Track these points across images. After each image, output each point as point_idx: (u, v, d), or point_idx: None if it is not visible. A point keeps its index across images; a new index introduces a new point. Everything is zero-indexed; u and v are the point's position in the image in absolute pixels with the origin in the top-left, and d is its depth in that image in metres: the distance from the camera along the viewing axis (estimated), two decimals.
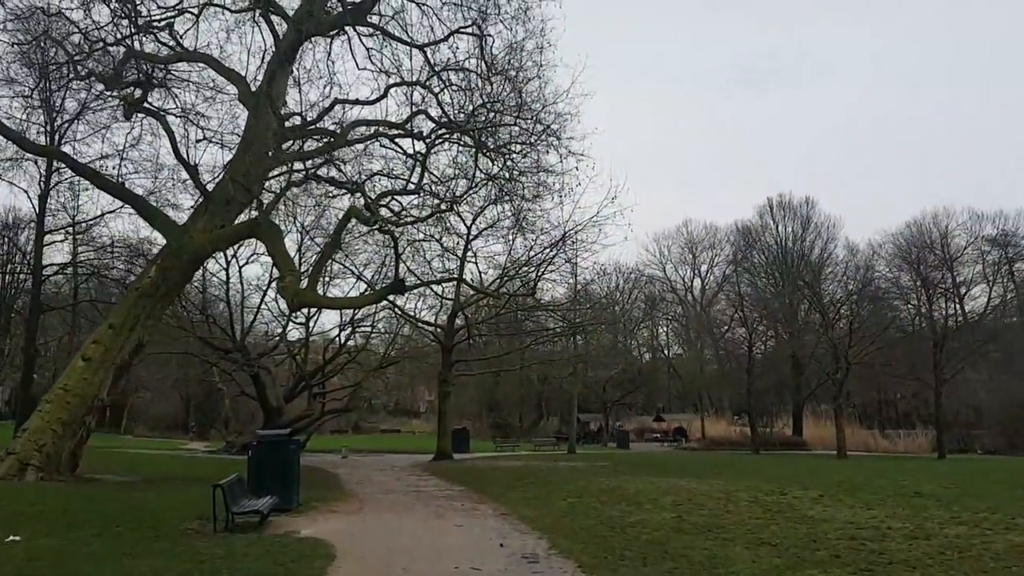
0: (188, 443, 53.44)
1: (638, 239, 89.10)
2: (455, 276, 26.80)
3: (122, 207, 29.19)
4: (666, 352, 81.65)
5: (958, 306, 58.90)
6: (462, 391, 58.27)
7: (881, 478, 18.00)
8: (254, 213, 21.17)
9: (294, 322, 43.61)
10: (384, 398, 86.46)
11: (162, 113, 20.70)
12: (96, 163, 26.40)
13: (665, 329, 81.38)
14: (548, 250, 23.54)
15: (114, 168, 26.05)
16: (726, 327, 73.45)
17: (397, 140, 22.00)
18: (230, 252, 39.85)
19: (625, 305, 63.40)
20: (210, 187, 21.26)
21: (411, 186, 18.70)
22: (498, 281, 24.07)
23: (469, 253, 32.38)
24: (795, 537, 10.11)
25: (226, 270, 40.11)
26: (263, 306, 41.78)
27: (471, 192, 20.21)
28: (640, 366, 68.56)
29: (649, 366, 75.69)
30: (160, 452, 38.13)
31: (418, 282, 22.70)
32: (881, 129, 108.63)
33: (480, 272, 33.49)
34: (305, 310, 42.60)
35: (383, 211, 18.71)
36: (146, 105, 20.42)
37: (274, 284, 40.31)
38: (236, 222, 21.09)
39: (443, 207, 18.95)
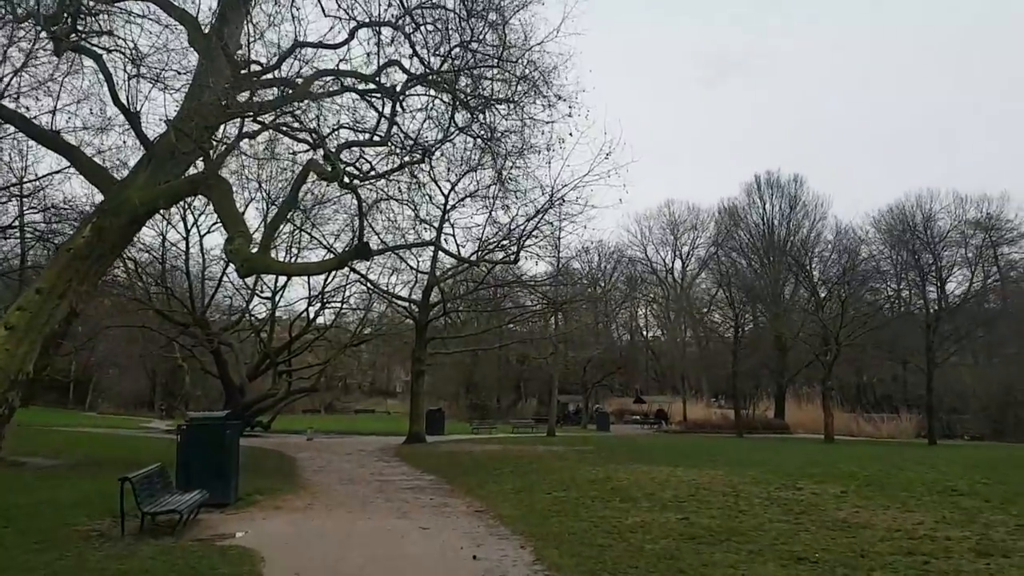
0: (151, 421, 51.09)
1: (619, 220, 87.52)
2: (430, 241, 24.46)
3: (69, 167, 26.79)
4: (644, 334, 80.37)
5: (939, 290, 57.95)
6: (438, 371, 56.31)
7: (899, 470, 16.26)
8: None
9: (260, 296, 41.40)
10: (359, 377, 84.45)
11: (98, 52, 18.20)
12: (39, 119, 24.08)
13: (644, 311, 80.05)
14: (535, 217, 21.12)
15: (61, 124, 23.76)
16: (706, 308, 72.19)
17: (367, 96, 19.76)
18: (190, 220, 37.49)
19: (606, 285, 61.67)
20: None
21: (378, 137, 16.48)
22: (478, 252, 21.86)
23: (446, 225, 30.31)
24: (837, 550, 8.24)
25: (186, 239, 37.68)
26: (225, 278, 39.38)
27: (447, 141, 17.97)
28: (621, 348, 66.92)
29: (628, 348, 74.25)
30: (115, 431, 35.80)
31: (385, 247, 20.39)
32: (873, 111, 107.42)
33: (458, 245, 31.41)
34: (270, 282, 40.48)
35: (347, 167, 16.49)
36: (80, 42, 17.93)
37: None
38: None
39: (416, 157, 16.77)
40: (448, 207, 28.26)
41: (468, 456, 22.59)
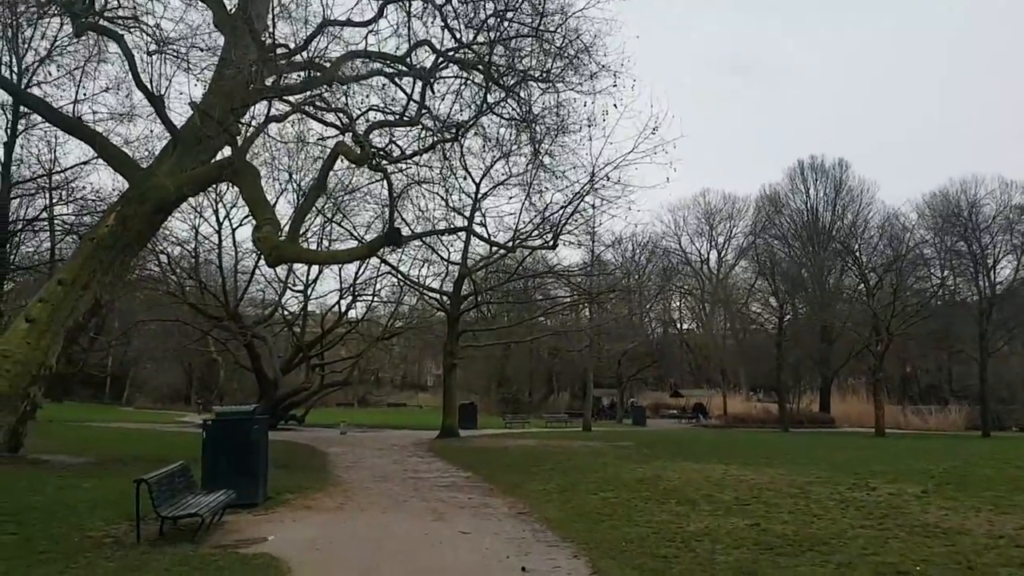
0: (186, 416, 51.07)
1: (656, 209, 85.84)
2: (464, 227, 23.46)
3: (96, 158, 26.43)
4: (679, 327, 78.74)
5: (985, 278, 55.76)
6: (469, 365, 55.57)
7: (972, 466, 15.05)
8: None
9: (292, 289, 40.98)
10: (391, 371, 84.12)
11: (119, 33, 17.60)
12: (66, 109, 23.76)
13: (678, 303, 78.41)
14: (574, 200, 19.89)
15: (88, 116, 23.46)
16: (744, 299, 70.40)
17: (396, 80, 18.92)
18: (222, 213, 37.10)
19: (640, 276, 60.34)
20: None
21: (408, 117, 15.60)
22: (513, 239, 20.78)
23: (477, 215, 29.45)
24: (937, 561, 7.19)
25: (218, 232, 37.31)
26: (257, 271, 38.98)
27: (481, 115, 16.97)
28: (655, 341, 65.53)
29: (662, 340, 72.81)
30: (149, 426, 35.53)
31: (416, 234, 19.47)
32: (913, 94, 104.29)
33: (490, 235, 30.50)
34: (302, 275, 40.02)
35: (377, 152, 15.65)
36: (100, 22, 17.35)
37: None
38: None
39: (447, 136, 15.87)
40: (480, 195, 27.41)
41: (504, 452, 21.73)
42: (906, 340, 41.30)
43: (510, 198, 40.51)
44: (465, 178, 21.08)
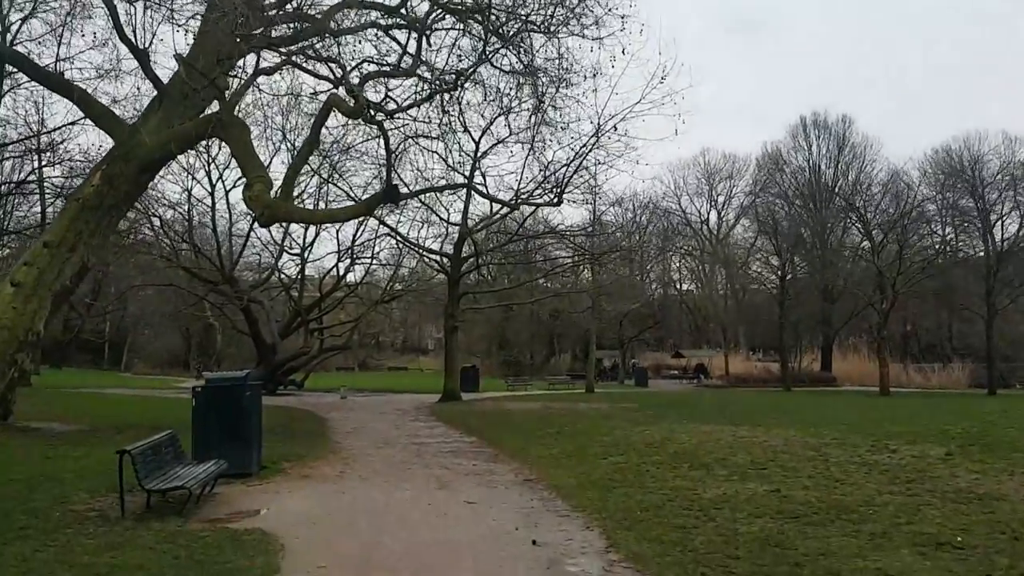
0: (185, 381, 50.78)
1: (661, 164, 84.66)
2: (464, 184, 22.66)
3: (84, 119, 25.57)
4: (678, 287, 78.27)
5: (990, 235, 55.09)
6: (470, 328, 55.18)
7: (992, 426, 14.60)
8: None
9: (289, 252, 40.34)
10: (392, 335, 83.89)
11: None
12: (52, 68, 22.86)
13: (678, 264, 77.86)
14: (579, 154, 19.01)
15: (75, 75, 22.51)
16: (744, 259, 69.82)
17: (391, 31, 18.06)
18: (215, 175, 36.25)
19: (641, 237, 59.66)
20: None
21: (404, 66, 14.82)
22: (515, 197, 20.00)
23: (477, 174, 28.70)
24: (978, 531, 6.72)
25: (211, 194, 36.44)
26: (253, 234, 38.25)
27: (481, 64, 16.14)
28: (660, 301, 65.06)
29: (662, 301, 72.40)
30: (146, 392, 35.14)
31: (415, 192, 18.72)
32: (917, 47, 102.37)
33: (490, 193, 29.73)
34: (299, 237, 39.33)
35: (371, 97, 14.90)
36: None
37: None
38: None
39: (445, 85, 15.08)
40: (480, 154, 26.60)
41: (508, 415, 21.34)
42: (911, 298, 40.71)
43: (511, 156, 39.80)
44: (464, 132, 20.23)
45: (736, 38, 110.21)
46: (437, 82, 14.84)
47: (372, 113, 13.56)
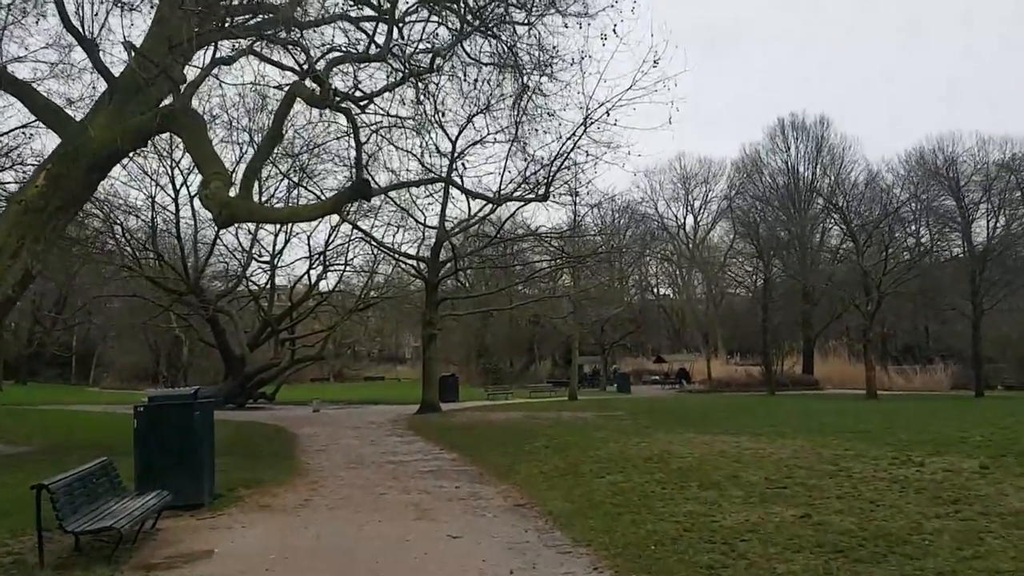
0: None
1: (645, 161, 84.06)
2: (442, 176, 21.34)
3: (36, 122, 24.01)
4: (655, 292, 77.65)
5: (966, 237, 55.09)
6: (448, 335, 53.84)
7: (1013, 432, 13.67)
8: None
9: (257, 260, 38.82)
10: (368, 344, 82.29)
11: None
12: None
13: (655, 268, 77.30)
14: (565, 145, 17.65)
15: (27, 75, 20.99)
16: (721, 263, 69.34)
17: (361, 23, 16.85)
18: (179, 179, 34.69)
19: (620, 240, 58.86)
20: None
21: (374, 50, 13.63)
22: (496, 193, 18.69)
23: (454, 176, 27.54)
24: None
25: (175, 199, 34.83)
26: (219, 240, 36.74)
27: (461, 41, 14.93)
28: (640, 305, 64.28)
29: (640, 306, 71.69)
30: (109, 408, 33.38)
31: (387, 187, 17.41)
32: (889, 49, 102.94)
33: (468, 199, 28.54)
34: (268, 245, 37.82)
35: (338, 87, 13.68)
36: None
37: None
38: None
39: (419, 68, 13.87)
40: (456, 154, 25.38)
41: (490, 427, 20.12)
42: (895, 299, 40.13)
43: (488, 158, 38.62)
44: (440, 129, 19.00)
45: (701, 48, 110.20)
46: (410, 64, 13.65)
47: (338, 100, 12.32)
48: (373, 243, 32.26)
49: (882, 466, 10.34)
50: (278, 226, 37.07)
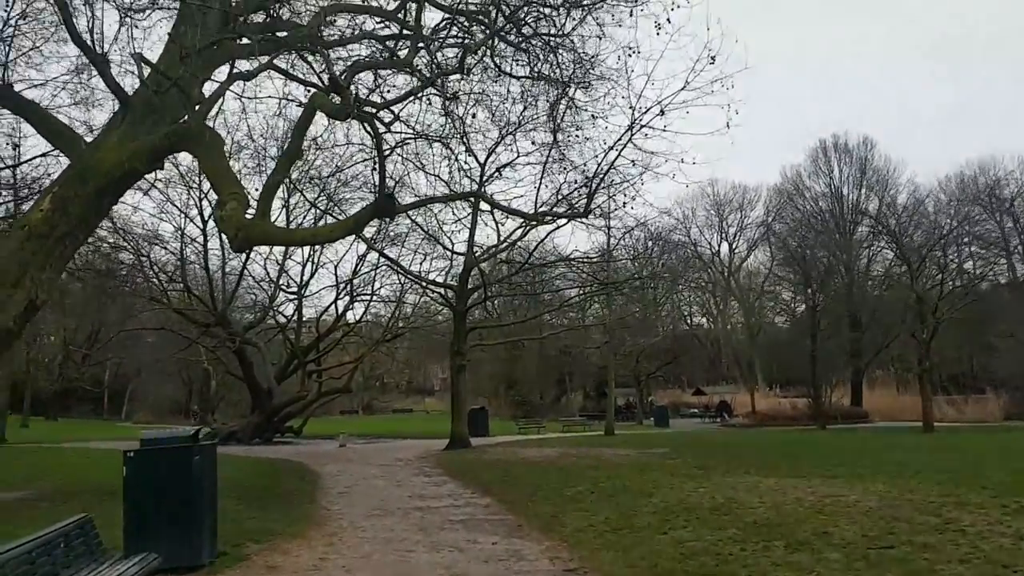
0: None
1: (659, 202, 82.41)
2: (471, 193, 20.02)
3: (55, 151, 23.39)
4: (689, 322, 75.67)
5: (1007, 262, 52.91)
6: (477, 367, 52.53)
7: None
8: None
9: (285, 291, 38.05)
10: (397, 376, 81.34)
11: None
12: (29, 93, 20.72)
13: (688, 297, 75.41)
14: (608, 150, 15.93)
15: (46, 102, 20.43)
16: (759, 291, 67.30)
17: (387, 42, 15.86)
18: (207, 211, 34.04)
19: (655, 267, 57.34)
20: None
21: (399, 56, 12.54)
22: (536, 209, 17.21)
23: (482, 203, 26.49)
24: None
25: (203, 231, 34.21)
26: (247, 271, 36.02)
27: (492, 37, 13.69)
28: (677, 334, 62.38)
29: (674, 336, 69.72)
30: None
31: (413, 201, 16.18)
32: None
33: (497, 223, 27.41)
34: (295, 275, 37.01)
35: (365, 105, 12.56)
36: None
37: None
38: None
39: (448, 69, 12.73)
40: (484, 178, 24.26)
41: (525, 466, 18.63)
42: (948, 326, 37.91)
43: (518, 182, 37.59)
44: (470, 145, 17.78)
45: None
46: (437, 67, 12.51)
47: (359, 106, 11.19)
48: (400, 271, 31.29)
49: (994, 516, 8.74)
50: (305, 256, 36.41)
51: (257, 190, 21.57)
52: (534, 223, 22.72)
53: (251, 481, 15.36)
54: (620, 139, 15.05)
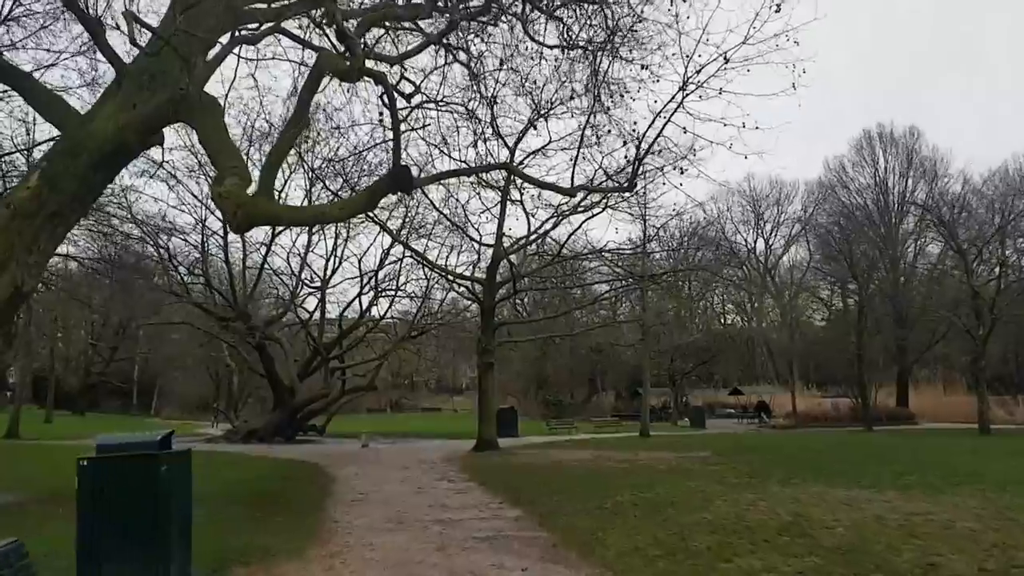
0: (201, 426, 47.30)
1: (694, 196, 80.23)
2: (501, 164, 18.40)
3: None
4: (722, 320, 73.46)
5: None
6: (506, 366, 51.14)
7: None
8: None
9: (308, 285, 36.94)
10: (425, 375, 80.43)
11: None
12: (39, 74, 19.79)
13: (722, 295, 73.21)
14: (657, 115, 13.80)
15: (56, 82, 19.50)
16: (796, 288, 64.97)
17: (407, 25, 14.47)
18: None
19: (690, 262, 55.49)
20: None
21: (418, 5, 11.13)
22: (572, 184, 15.54)
23: (511, 188, 25.09)
24: None
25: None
26: (267, 265, 34.96)
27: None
28: (713, 332, 60.41)
29: (708, 334, 67.67)
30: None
31: (436, 173, 14.72)
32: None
33: (527, 213, 25.93)
34: (319, 269, 35.89)
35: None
36: None
37: (280, 235, 33.59)
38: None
39: (471, 11, 11.28)
40: (514, 159, 22.75)
41: (558, 470, 17.16)
42: (1010, 323, 35.56)
43: (549, 169, 35.93)
44: (499, 123, 16.26)
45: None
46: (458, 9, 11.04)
47: (367, 56, 9.80)
48: (426, 264, 30.00)
49: None
50: (329, 249, 35.35)
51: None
52: (570, 202, 21.04)
53: (257, 485, 14.12)
54: (673, 97, 13.25)
